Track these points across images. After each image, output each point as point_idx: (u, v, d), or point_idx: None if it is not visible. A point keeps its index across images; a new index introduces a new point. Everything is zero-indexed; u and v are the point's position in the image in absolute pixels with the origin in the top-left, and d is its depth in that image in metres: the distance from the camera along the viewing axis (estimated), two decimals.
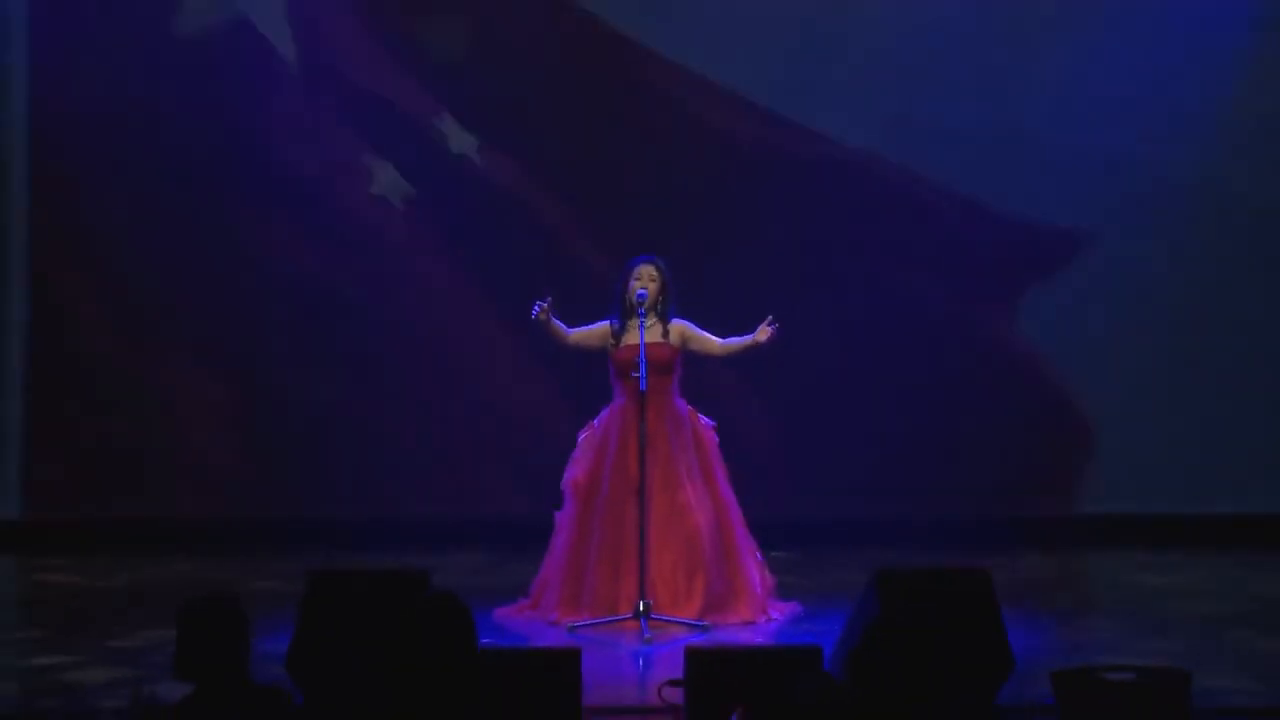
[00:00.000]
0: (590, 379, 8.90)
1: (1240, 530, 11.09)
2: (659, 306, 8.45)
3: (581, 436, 8.64)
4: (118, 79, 11.28)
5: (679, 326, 8.53)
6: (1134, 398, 11.31)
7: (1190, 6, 11.28)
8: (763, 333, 8.43)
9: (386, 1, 11.47)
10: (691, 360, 8.69)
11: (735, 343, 8.56)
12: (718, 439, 8.65)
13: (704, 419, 8.66)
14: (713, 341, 8.60)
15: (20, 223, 11.38)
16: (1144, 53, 11.26)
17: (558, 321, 8.49)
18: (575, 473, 8.54)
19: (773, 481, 9.44)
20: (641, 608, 8.09)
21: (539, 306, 8.39)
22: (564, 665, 6.01)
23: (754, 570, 8.58)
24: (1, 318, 11.39)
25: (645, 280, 8.43)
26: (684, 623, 8.17)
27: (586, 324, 8.61)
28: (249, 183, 11.30)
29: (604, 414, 8.58)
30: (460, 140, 11.45)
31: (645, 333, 8.31)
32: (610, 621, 8.19)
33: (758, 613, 8.45)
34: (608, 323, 8.53)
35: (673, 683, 6.34)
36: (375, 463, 11.23)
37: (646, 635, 8.00)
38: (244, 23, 11.39)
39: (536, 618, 8.42)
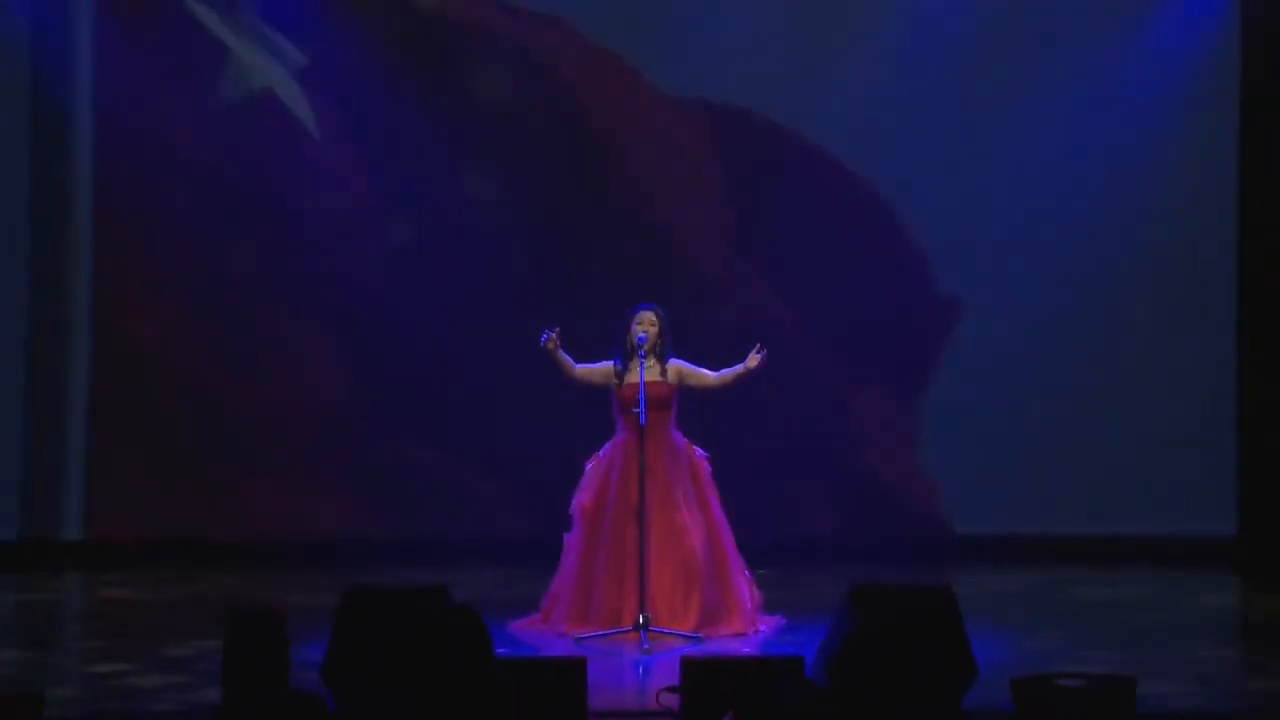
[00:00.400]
0: (594, 413, 8.86)
1: (1175, 549, 11.03)
2: (657, 349, 8.44)
3: (588, 466, 8.62)
4: (168, 136, 11.28)
5: (676, 366, 8.53)
6: (1079, 431, 11.27)
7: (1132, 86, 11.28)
8: (753, 359, 8.45)
9: (402, 66, 11.42)
10: (688, 396, 8.66)
11: (728, 373, 8.56)
12: (710, 468, 8.64)
13: (698, 450, 8.66)
14: (707, 376, 8.60)
15: (85, 260, 11.38)
16: (1091, 123, 11.28)
17: (565, 354, 8.49)
18: (582, 498, 8.54)
19: (758, 506, 9.37)
20: (641, 620, 8.08)
21: (547, 335, 8.41)
22: (571, 673, 6.06)
23: (744, 586, 8.58)
24: (67, 353, 11.37)
25: (645, 325, 8.43)
26: (679, 634, 8.16)
27: (592, 361, 8.57)
28: (288, 223, 11.30)
29: (608, 445, 8.58)
30: (474, 186, 11.44)
31: (645, 372, 8.31)
32: (613, 634, 8.18)
33: (748, 625, 8.45)
34: (611, 363, 8.50)
35: (670, 689, 6.29)
36: (400, 488, 11.20)
37: (645, 646, 7.99)
38: (276, 91, 11.41)
39: (547, 630, 8.42)
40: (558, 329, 8.44)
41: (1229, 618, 9.72)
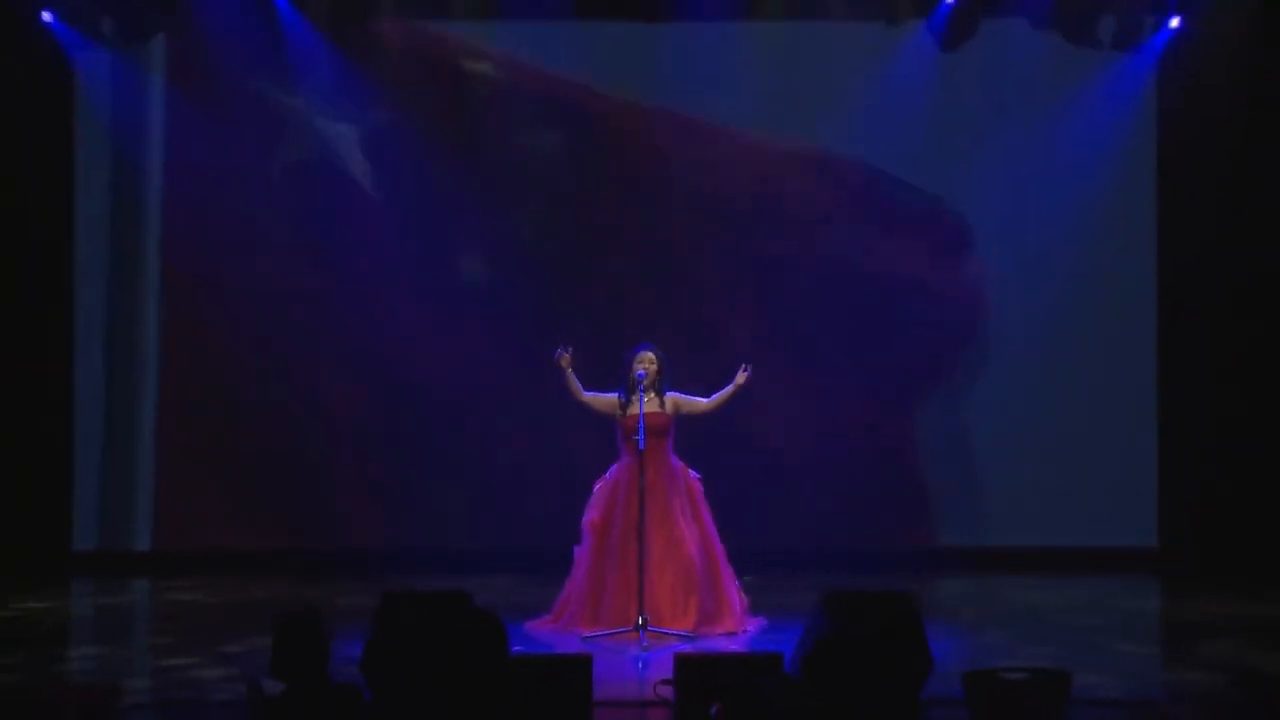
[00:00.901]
0: (597, 441, 8.82)
1: (1104, 559, 11.07)
2: (656, 384, 8.41)
3: (596, 486, 8.58)
4: (229, 195, 11.31)
5: (672, 398, 8.50)
6: (1022, 458, 11.26)
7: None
8: (741, 377, 8.42)
9: (441, 125, 11.44)
10: (685, 423, 8.59)
11: (719, 396, 8.52)
12: (702, 487, 8.61)
13: (692, 472, 8.62)
14: (700, 402, 8.57)
15: (152, 307, 11.39)
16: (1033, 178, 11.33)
17: (575, 378, 8.44)
18: (592, 515, 8.51)
19: (745, 519, 9.35)
20: (640, 622, 8.04)
21: (561, 351, 8.39)
22: (578, 668, 6.04)
23: (734, 592, 8.55)
24: (137, 392, 11.37)
25: (645, 364, 8.41)
26: (675, 634, 8.13)
27: (600, 391, 8.53)
28: (337, 268, 11.30)
29: (614, 468, 8.55)
30: (507, 231, 11.43)
31: (645, 405, 8.29)
32: (616, 633, 8.13)
33: (738, 625, 8.43)
34: (616, 395, 8.46)
35: (665, 682, 6.32)
36: (429, 505, 11.16)
37: (644, 644, 7.95)
38: (329, 154, 11.42)
39: (559, 630, 8.38)
40: (571, 349, 8.42)
41: (1151, 619, 9.70)
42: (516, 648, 6.94)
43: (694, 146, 11.36)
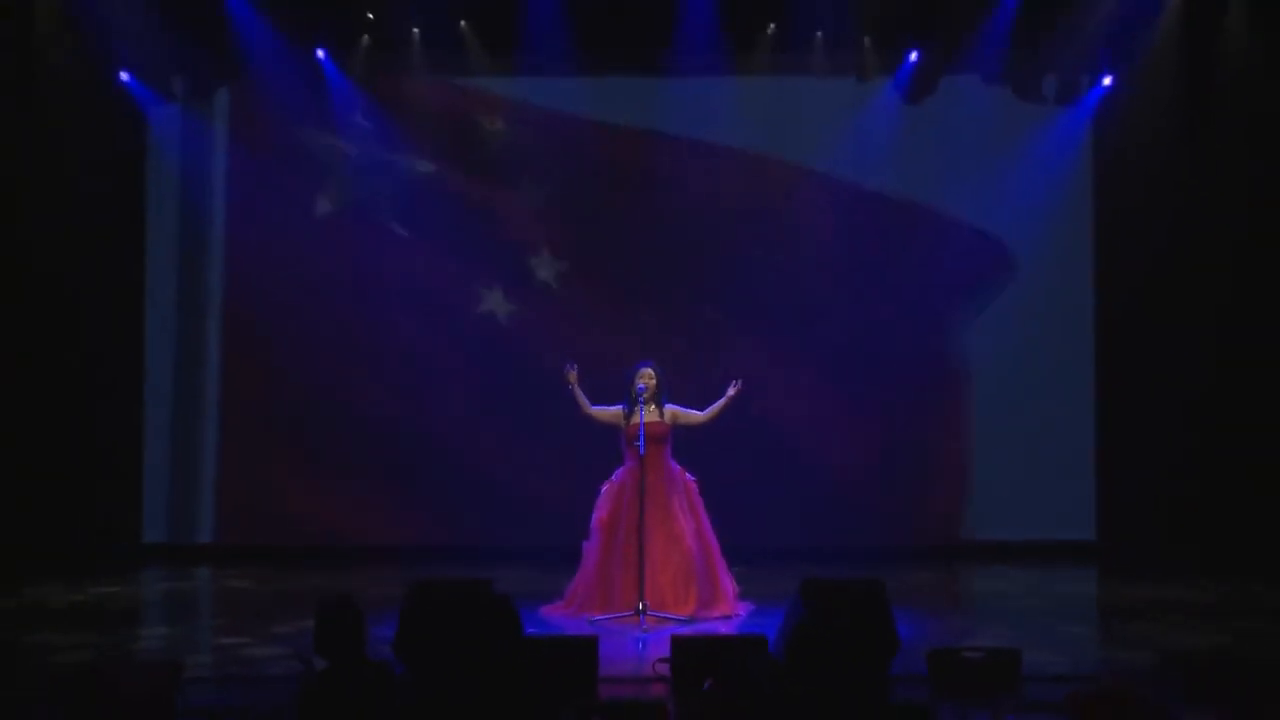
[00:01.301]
0: (601, 450, 8.80)
1: (1050, 551, 11.06)
2: (655, 396, 8.38)
3: (603, 488, 8.53)
4: (282, 230, 11.36)
5: (670, 410, 8.47)
6: (980, 463, 11.32)
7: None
8: (733, 390, 8.35)
9: (467, 173, 11.43)
10: (683, 432, 8.55)
11: (713, 408, 8.46)
12: (698, 487, 8.57)
13: (689, 474, 8.57)
14: (695, 415, 8.51)
15: (215, 333, 11.46)
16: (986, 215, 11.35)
17: (582, 394, 8.42)
18: (600, 514, 8.46)
19: (736, 517, 9.34)
20: (641, 607, 8.03)
21: (569, 367, 8.38)
22: (586, 648, 6.05)
23: (727, 580, 8.51)
24: (200, 407, 11.42)
25: (645, 379, 8.37)
26: (671, 617, 8.10)
27: (606, 404, 8.50)
28: (374, 296, 11.34)
29: (619, 472, 8.51)
30: (545, 268, 11.43)
31: (645, 415, 8.27)
32: (619, 617, 8.11)
33: (731, 610, 8.37)
34: (620, 407, 8.44)
35: (663, 660, 6.31)
36: (455, 505, 11.16)
37: (644, 627, 7.93)
38: (367, 193, 11.44)
39: (570, 614, 8.33)
40: (575, 366, 8.41)
41: (1090, 603, 9.68)
42: (531, 629, 6.96)
43: (687, 187, 11.34)
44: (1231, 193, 10.99)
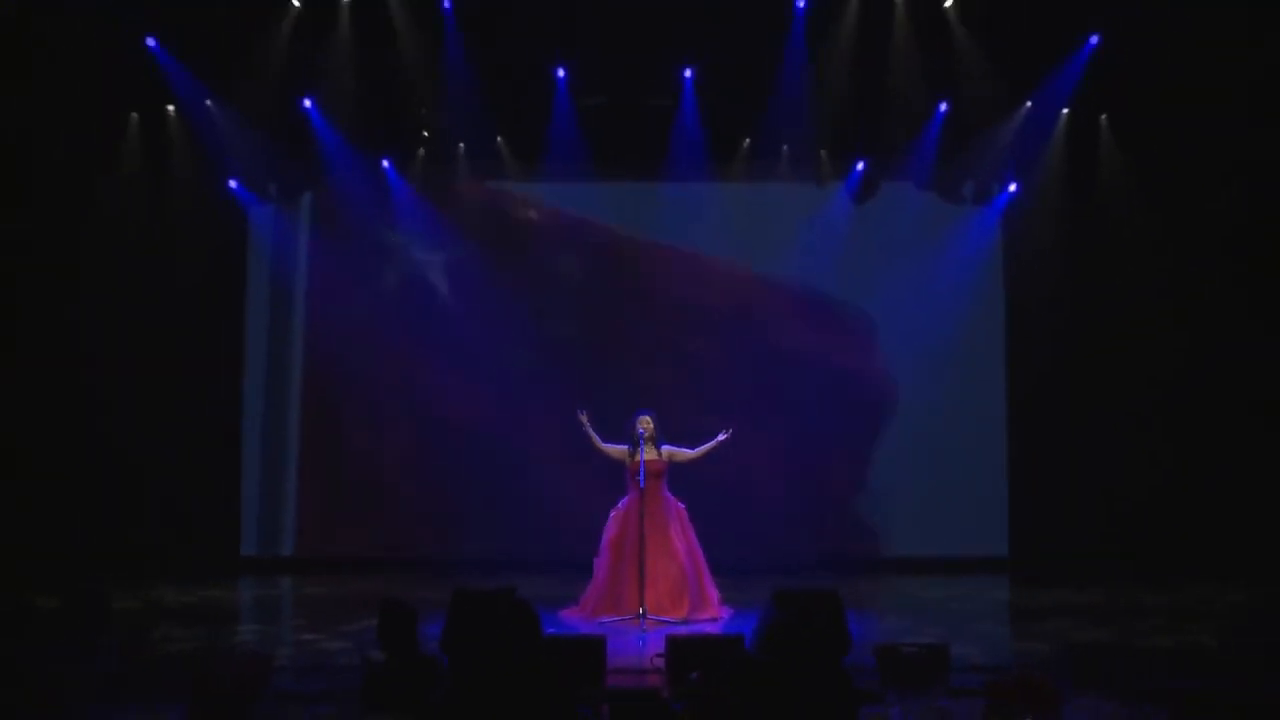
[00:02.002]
0: (610, 483, 8.78)
1: (970, 564, 10.98)
2: (654, 438, 8.35)
3: (611, 514, 8.48)
4: (353, 303, 11.37)
5: (667, 450, 8.42)
6: (913, 491, 11.22)
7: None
8: (723, 436, 8.31)
9: (499, 252, 11.44)
10: (678, 469, 8.50)
11: (704, 448, 8.40)
12: (688, 514, 8.51)
13: (680, 503, 8.51)
14: (687, 453, 8.44)
15: (296, 389, 11.41)
16: (916, 295, 11.29)
17: (593, 431, 8.37)
18: (608, 534, 8.41)
19: (720, 537, 9.29)
20: (641, 612, 8.01)
21: (580, 412, 8.36)
22: (596, 645, 6.02)
23: (713, 590, 8.45)
24: (284, 442, 11.37)
25: (645, 425, 8.35)
26: (666, 620, 8.06)
27: (615, 442, 8.45)
28: (426, 351, 11.28)
29: (624, 500, 8.45)
30: (562, 331, 11.43)
31: (645, 454, 8.26)
32: (624, 619, 8.07)
33: (716, 614, 8.31)
34: (625, 447, 8.40)
35: (660, 655, 6.27)
36: (491, 526, 11.09)
37: (643, 628, 7.89)
38: (421, 275, 11.45)
39: (584, 617, 8.25)
40: (586, 411, 8.38)
41: (1004, 607, 9.61)
42: (551, 629, 6.90)
43: (681, 268, 11.37)
44: (1111, 271, 11.06)
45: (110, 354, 10.86)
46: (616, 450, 8.43)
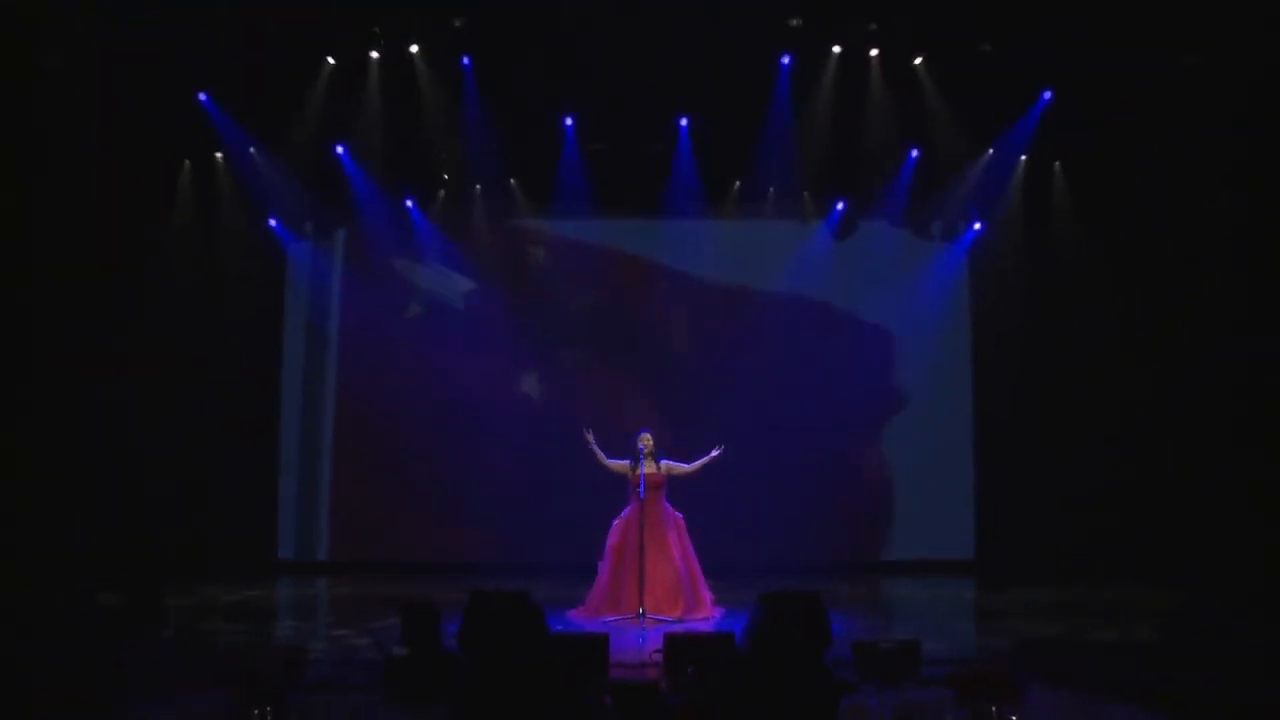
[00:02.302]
0: (617, 495, 8.82)
1: (939, 567, 11.00)
2: (653, 454, 8.34)
3: (614, 523, 8.45)
4: (379, 329, 11.38)
5: (665, 464, 8.39)
6: (888, 500, 11.23)
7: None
8: (716, 452, 8.26)
9: (515, 286, 11.50)
10: (676, 481, 8.48)
11: (699, 463, 8.35)
12: (685, 523, 8.49)
13: (678, 513, 8.48)
14: (683, 467, 8.40)
15: (329, 397, 11.46)
16: (889, 331, 11.35)
17: (598, 449, 8.35)
18: (611, 541, 8.38)
19: (714, 544, 9.29)
20: (641, 611, 8.01)
21: (586, 431, 8.34)
22: (600, 641, 6.02)
23: (706, 592, 8.42)
24: (318, 455, 11.37)
25: (645, 441, 8.34)
26: (664, 619, 8.05)
27: (619, 458, 8.44)
28: (450, 377, 11.27)
29: (626, 510, 8.42)
30: (570, 357, 11.44)
31: (645, 468, 8.26)
32: (625, 618, 8.07)
33: (709, 614, 8.29)
34: (626, 462, 8.39)
35: (658, 651, 6.28)
36: (505, 533, 11.08)
37: (643, 626, 7.89)
38: (441, 305, 11.48)
39: (589, 616, 8.23)
40: (592, 429, 8.37)
41: (969, 606, 9.58)
42: (559, 627, 6.90)
43: (678, 297, 11.41)
44: (1065, 299, 11.09)
45: (165, 379, 10.81)
46: (619, 465, 8.41)
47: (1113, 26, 8.95)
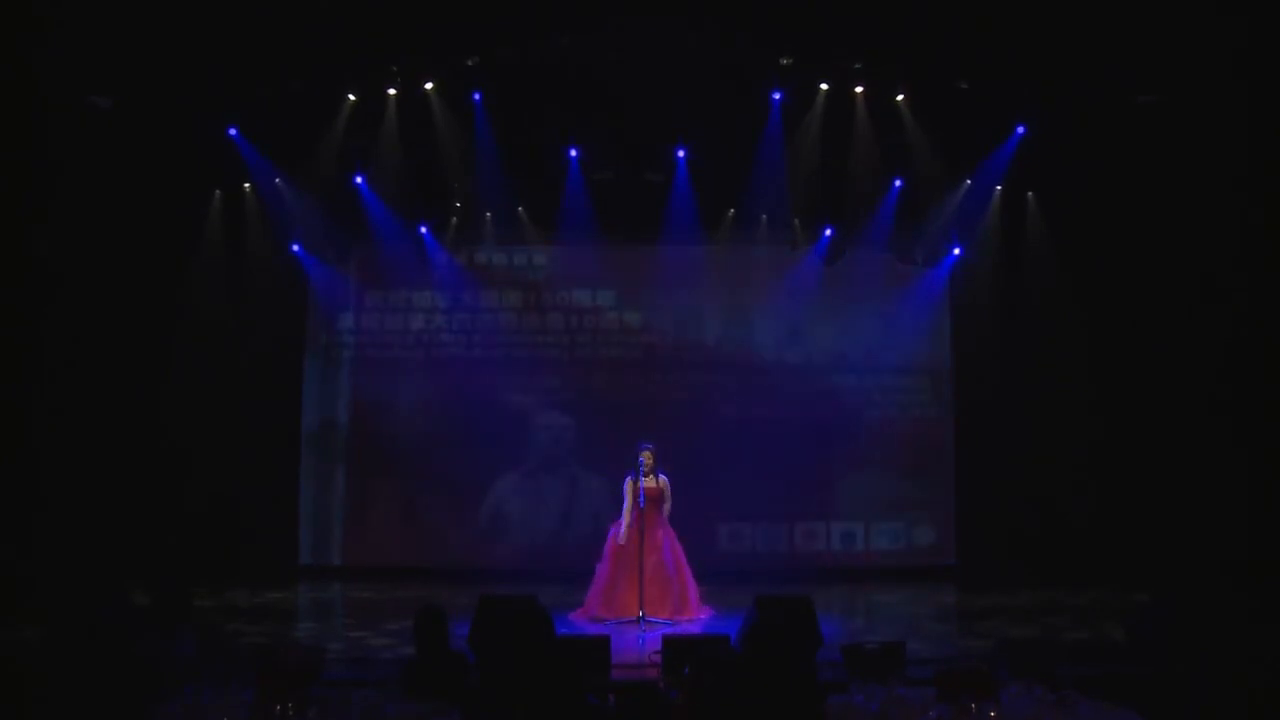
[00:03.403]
0: (617, 506, 8.74)
1: (922, 573, 10.94)
2: (653, 469, 8.34)
3: (613, 528, 8.49)
4: (389, 346, 11.40)
5: (664, 480, 8.39)
6: (873, 509, 11.21)
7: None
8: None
9: (520, 312, 11.52)
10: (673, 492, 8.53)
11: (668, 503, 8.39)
12: (675, 533, 8.51)
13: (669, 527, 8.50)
14: (667, 496, 8.39)
15: (344, 406, 11.41)
16: (870, 353, 11.39)
17: (627, 508, 8.24)
18: (610, 546, 8.42)
19: (706, 550, 9.28)
20: (640, 614, 8.00)
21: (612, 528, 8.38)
22: (601, 643, 6.06)
23: (693, 593, 8.43)
24: (334, 462, 11.35)
25: (646, 456, 8.33)
26: (661, 621, 8.05)
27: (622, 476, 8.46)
28: (460, 387, 11.28)
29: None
30: (566, 370, 11.43)
31: (645, 481, 8.28)
32: (625, 621, 8.07)
33: (696, 614, 8.30)
34: (629, 477, 8.35)
35: (656, 652, 6.28)
36: (512, 541, 11.07)
37: (642, 628, 7.89)
38: (450, 329, 11.46)
39: (588, 618, 8.25)
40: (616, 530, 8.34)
41: (951, 609, 9.59)
42: (563, 629, 6.91)
43: (676, 318, 11.41)
44: (1039, 319, 11.08)
45: (197, 395, 10.75)
46: (628, 488, 8.32)
47: (1080, 67, 9.07)
